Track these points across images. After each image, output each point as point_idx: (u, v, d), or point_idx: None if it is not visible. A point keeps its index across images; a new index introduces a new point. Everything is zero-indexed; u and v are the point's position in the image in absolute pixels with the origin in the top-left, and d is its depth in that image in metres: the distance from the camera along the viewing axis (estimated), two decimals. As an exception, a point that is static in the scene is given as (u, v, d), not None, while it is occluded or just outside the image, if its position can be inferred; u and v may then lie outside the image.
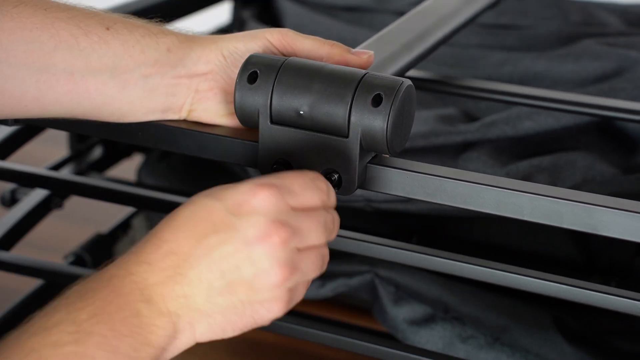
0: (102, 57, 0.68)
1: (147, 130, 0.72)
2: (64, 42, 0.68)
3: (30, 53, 0.67)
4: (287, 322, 0.87)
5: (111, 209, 1.17)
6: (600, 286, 0.76)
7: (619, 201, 0.65)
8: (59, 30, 0.67)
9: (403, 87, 0.65)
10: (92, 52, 0.68)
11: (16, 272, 0.98)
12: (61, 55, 0.67)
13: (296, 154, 0.67)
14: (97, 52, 0.68)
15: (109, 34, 0.68)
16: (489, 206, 0.67)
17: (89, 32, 0.68)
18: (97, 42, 0.68)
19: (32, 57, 0.67)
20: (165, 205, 0.91)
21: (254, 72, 0.67)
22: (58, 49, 0.67)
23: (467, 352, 0.98)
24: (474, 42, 1.26)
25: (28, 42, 0.67)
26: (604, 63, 1.17)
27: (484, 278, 0.79)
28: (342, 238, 0.83)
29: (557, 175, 1.02)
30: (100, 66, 0.68)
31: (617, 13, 1.38)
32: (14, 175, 0.97)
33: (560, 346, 0.97)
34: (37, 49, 0.67)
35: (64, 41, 0.68)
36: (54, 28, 0.67)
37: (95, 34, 0.68)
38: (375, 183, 0.69)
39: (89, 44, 0.68)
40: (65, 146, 1.27)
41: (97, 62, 0.68)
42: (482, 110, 1.19)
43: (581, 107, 0.91)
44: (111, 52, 0.68)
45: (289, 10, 1.39)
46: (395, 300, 1.02)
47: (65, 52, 0.68)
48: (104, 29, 0.68)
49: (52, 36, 0.67)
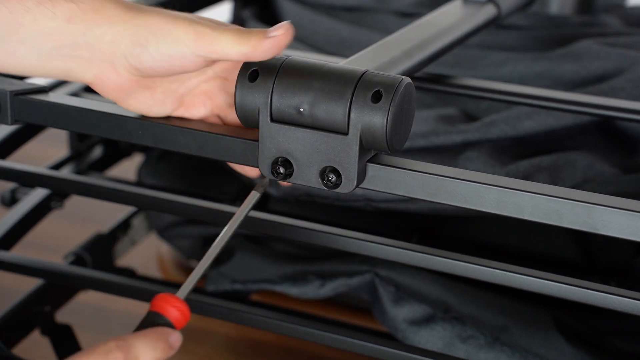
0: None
1: (147, 129, 0.73)
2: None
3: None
4: (287, 322, 0.87)
5: (111, 209, 1.18)
6: (600, 286, 0.76)
7: (619, 201, 0.65)
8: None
9: (403, 84, 0.65)
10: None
11: (16, 272, 0.98)
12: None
13: (296, 152, 0.67)
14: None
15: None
16: (489, 205, 0.67)
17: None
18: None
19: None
20: (165, 205, 0.91)
21: (254, 71, 0.67)
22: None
23: (467, 352, 0.98)
24: (474, 42, 1.26)
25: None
26: (604, 63, 1.17)
27: (484, 278, 0.79)
28: (342, 238, 0.84)
29: (557, 175, 1.02)
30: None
31: (617, 13, 1.39)
32: (14, 175, 0.97)
33: (560, 346, 0.97)
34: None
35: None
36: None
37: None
38: (375, 182, 0.69)
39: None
40: (65, 146, 1.27)
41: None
42: (482, 110, 1.19)
43: (581, 107, 0.91)
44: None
45: (288, 10, 1.39)
46: (395, 300, 1.02)
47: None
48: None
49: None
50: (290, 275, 1.09)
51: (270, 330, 0.89)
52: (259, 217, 0.86)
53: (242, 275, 1.11)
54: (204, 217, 0.90)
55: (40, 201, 1.12)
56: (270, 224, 0.86)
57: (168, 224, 1.22)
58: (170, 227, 1.22)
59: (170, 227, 1.22)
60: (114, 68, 0.68)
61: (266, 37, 0.65)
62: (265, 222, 0.86)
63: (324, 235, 0.84)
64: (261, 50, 0.65)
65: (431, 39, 0.87)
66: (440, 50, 0.88)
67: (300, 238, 0.85)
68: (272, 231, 0.86)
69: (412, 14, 1.33)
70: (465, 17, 0.96)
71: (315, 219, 0.87)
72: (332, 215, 1.11)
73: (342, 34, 1.32)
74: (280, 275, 1.09)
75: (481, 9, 1.00)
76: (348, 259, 1.06)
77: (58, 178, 0.98)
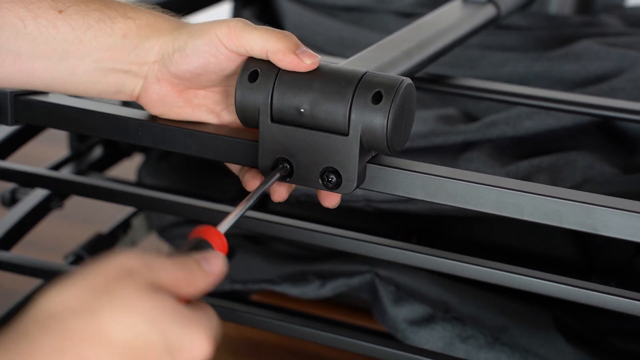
0: (50, 41, 0.68)
1: (147, 130, 0.73)
2: (9, 24, 0.67)
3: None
4: (287, 322, 0.87)
5: (111, 209, 1.18)
6: (599, 286, 0.76)
7: (619, 201, 0.65)
8: (5, 12, 0.67)
9: (403, 85, 0.65)
10: (40, 36, 0.68)
11: (16, 272, 0.98)
12: (6, 37, 0.67)
13: (296, 153, 0.67)
14: (45, 35, 0.68)
15: (60, 17, 0.68)
16: (489, 206, 0.67)
17: (38, 15, 0.68)
18: (45, 26, 0.68)
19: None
20: (165, 206, 0.91)
21: (255, 71, 0.67)
22: (3, 30, 0.67)
23: (467, 352, 0.98)
24: (474, 42, 1.26)
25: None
26: (604, 63, 1.17)
27: (484, 278, 0.79)
28: (342, 238, 0.84)
29: (557, 175, 1.02)
30: (48, 50, 0.68)
31: (617, 13, 1.39)
32: (14, 175, 0.97)
33: (560, 346, 0.97)
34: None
35: (9, 23, 0.67)
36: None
37: (44, 17, 0.68)
38: (375, 183, 0.69)
39: (36, 27, 0.68)
40: (65, 146, 1.27)
41: (45, 45, 0.68)
42: (482, 110, 1.19)
43: (581, 107, 0.91)
44: (60, 37, 0.68)
45: (288, 10, 1.39)
46: (395, 300, 1.02)
47: (10, 34, 0.67)
48: (56, 12, 0.68)
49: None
50: (290, 275, 1.09)
51: (270, 330, 0.89)
52: (259, 218, 0.86)
53: (242, 275, 1.11)
54: (203, 218, 0.90)
55: (40, 201, 1.12)
56: (270, 224, 0.86)
57: (168, 224, 1.22)
58: (170, 227, 1.22)
59: (170, 227, 1.22)
60: (157, 80, 0.70)
61: (294, 51, 0.66)
62: (265, 222, 0.86)
63: (324, 236, 0.84)
64: (283, 58, 0.66)
65: (431, 39, 0.87)
66: (440, 51, 0.88)
67: (300, 238, 0.85)
68: (272, 231, 0.86)
69: (412, 14, 1.33)
70: (464, 17, 0.96)
71: (315, 220, 0.87)
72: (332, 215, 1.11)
73: (342, 34, 1.32)
74: (280, 275, 1.09)
75: (481, 9, 1.00)
76: (348, 259, 1.06)
77: (58, 178, 0.98)
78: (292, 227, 0.85)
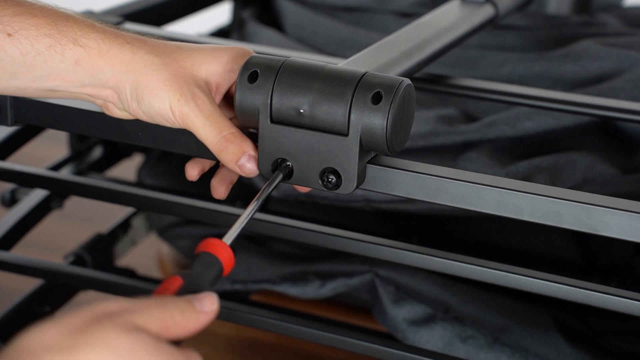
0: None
1: (146, 130, 0.73)
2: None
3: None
4: (287, 322, 0.87)
5: (111, 209, 1.18)
6: (599, 286, 0.76)
7: (619, 201, 0.65)
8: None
9: (403, 85, 0.65)
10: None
11: (16, 272, 0.98)
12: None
13: (295, 153, 0.67)
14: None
15: (8, 41, 0.68)
16: (489, 206, 0.67)
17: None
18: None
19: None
20: (165, 206, 0.91)
21: (254, 72, 0.67)
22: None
23: (467, 352, 0.98)
24: (473, 42, 1.26)
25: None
26: (604, 63, 1.17)
27: (484, 278, 0.79)
28: (342, 238, 0.84)
29: (557, 175, 1.02)
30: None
31: (616, 13, 1.39)
32: (14, 175, 0.97)
33: (560, 346, 0.97)
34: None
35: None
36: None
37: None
38: (375, 183, 0.69)
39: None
40: (65, 146, 1.27)
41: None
42: (482, 111, 1.19)
43: (581, 107, 0.91)
44: (9, 59, 0.68)
45: (288, 10, 1.39)
46: (395, 300, 1.02)
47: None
48: (5, 35, 0.68)
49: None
50: (290, 275, 1.09)
51: (270, 330, 0.89)
52: (259, 218, 0.86)
53: (242, 275, 1.11)
54: (203, 218, 0.90)
55: (40, 202, 1.12)
56: (270, 224, 0.86)
57: (168, 224, 1.22)
58: (170, 227, 1.22)
59: (170, 228, 1.22)
60: (115, 106, 0.71)
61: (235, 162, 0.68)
62: (265, 222, 0.86)
63: (324, 236, 0.84)
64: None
65: (430, 40, 0.87)
66: (439, 51, 0.88)
67: (300, 238, 0.86)
68: (272, 231, 0.86)
69: (412, 14, 1.33)
70: (463, 17, 0.96)
71: (315, 220, 0.87)
72: (332, 215, 1.11)
73: (341, 34, 1.32)
74: (280, 275, 1.09)
75: (479, 9, 1.00)
76: (348, 259, 1.06)
77: (58, 179, 0.98)
78: (292, 227, 0.85)
